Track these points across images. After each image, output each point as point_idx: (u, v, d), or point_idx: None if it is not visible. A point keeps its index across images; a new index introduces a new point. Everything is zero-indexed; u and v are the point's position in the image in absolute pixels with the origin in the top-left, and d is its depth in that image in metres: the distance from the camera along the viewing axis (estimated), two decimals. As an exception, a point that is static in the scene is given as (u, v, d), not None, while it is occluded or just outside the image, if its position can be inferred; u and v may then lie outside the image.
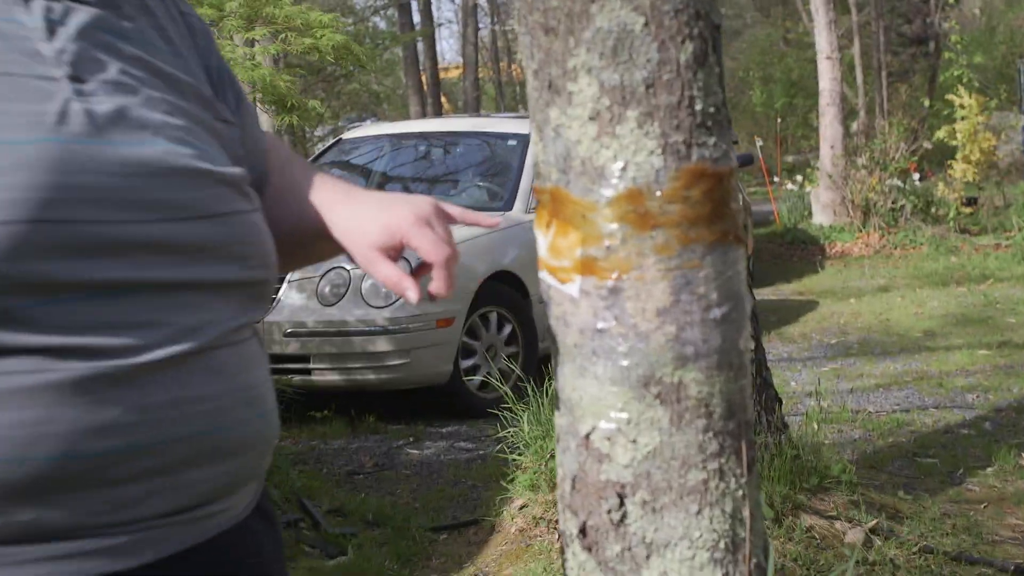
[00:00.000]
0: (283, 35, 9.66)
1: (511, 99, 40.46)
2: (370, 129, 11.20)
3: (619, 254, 2.00)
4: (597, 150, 2.01)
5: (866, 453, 7.28)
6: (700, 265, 2.01)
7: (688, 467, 2.05)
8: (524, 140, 9.38)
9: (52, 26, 1.64)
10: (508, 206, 9.09)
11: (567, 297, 2.08)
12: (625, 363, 2.01)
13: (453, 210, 2.04)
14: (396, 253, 1.93)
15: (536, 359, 8.53)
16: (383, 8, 30.36)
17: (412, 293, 1.87)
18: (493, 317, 8.48)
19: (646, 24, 1.98)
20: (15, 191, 1.47)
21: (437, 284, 1.89)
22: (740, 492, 2.09)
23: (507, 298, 8.54)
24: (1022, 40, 32.26)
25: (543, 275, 2.11)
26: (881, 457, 7.27)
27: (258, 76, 9.04)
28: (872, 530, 5.51)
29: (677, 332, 2.01)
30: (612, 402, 2.04)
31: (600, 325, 2.02)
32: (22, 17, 1.61)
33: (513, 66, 37.79)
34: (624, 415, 2.04)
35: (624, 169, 2.00)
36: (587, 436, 2.08)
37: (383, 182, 10.09)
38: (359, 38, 24.95)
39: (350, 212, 1.92)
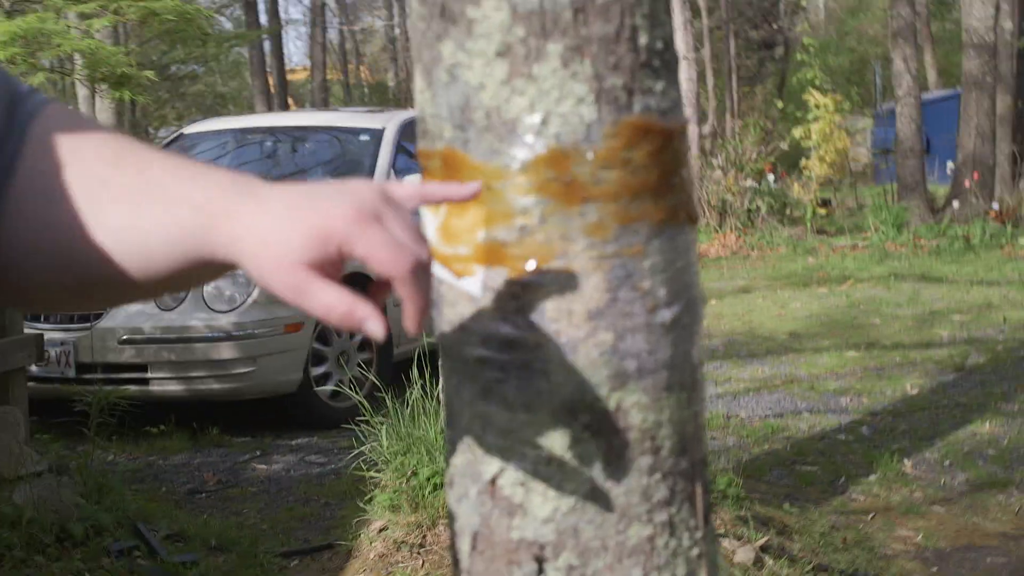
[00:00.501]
0: (116, 6, 8.97)
1: (359, 102, 39.52)
2: (213, 123, 10.54)
3: (537, 237, 1.51)
4: (507, 98, 1.51)
5: (742, 462, 6.89)
6: (644, 251, 1.53)
7: (629, 520, 1.57)
8: (376, 135, 8.87)
9: None
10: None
11: (465, 295, 1.57)
12: (545, 383, 1.52)
13: (409, 190, 1.41)
14: (337, 269, 1.26)
15: (392, 365, 8.00)
16: (226, 6, 29.51)
17: (374, 325, 1.22)
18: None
19: (573, -73, 1.48)
20: None
21: (407, 310, 1.28)
22: (695, 551, 1.61)
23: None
24: (870, 45, 32.51)
25: (433, 266, 1.59)
26: (759, 466, 6.90)
27: (85, 46, 8.33)
28: (762, 548, 5.09)
29: (615, 341, 1.52)
30: (527, 435, 1.54)
31: (510, 332, 1.52)
32: None
33: (362, 68, 37.05)
34: (543, 452, 1.54)
35: (544, 123, 1.50)
36: (493, 481, 1.59)
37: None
38: (204, 38, 24.02)
39: (254, 219, 1.24)
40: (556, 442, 1.52)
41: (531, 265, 1.50)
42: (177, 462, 7.11)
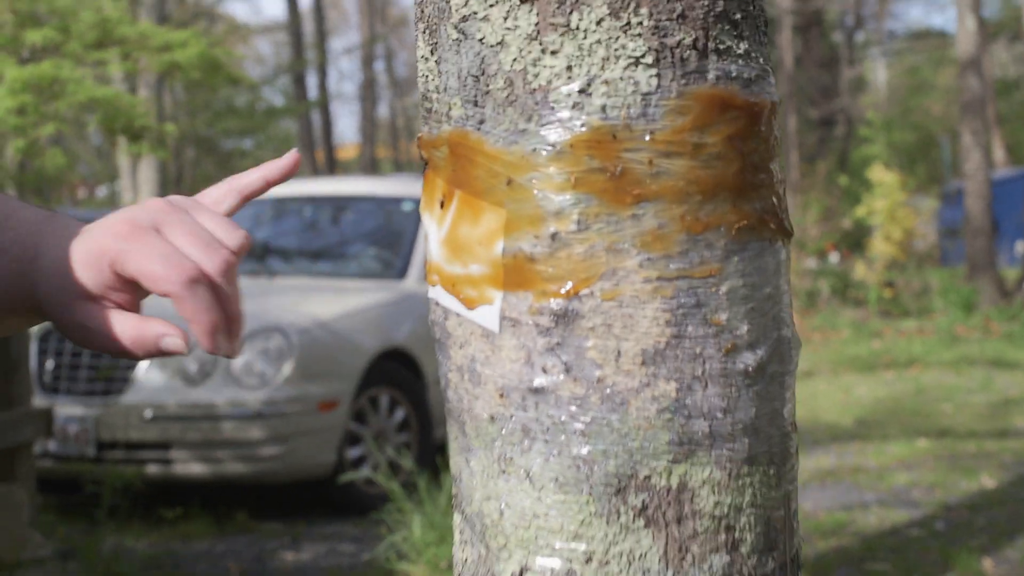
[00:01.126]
0: (136, 56, 8.69)
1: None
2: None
3: (575, 250, 1.11)
4: (536, 59, 1.12)
5: (808, 558, 6.38)
6: (720, 272, 1.12)
7: (697, 644, 1.14)
8: (419, 201, 8.53)
9: None
10: (401, 275, 8.18)
11: (478, 331, 1.17)
12: (584, 450, 1.11)
13: (221, 188, 1.13)
14: (132, 294, 1.04)
15: (433, 449, 7.58)
16: (274, 79, 29.45)
17: (172, 341, 1.02)
18: (384, 400, 7.53)
19: None
20: None
21: (194, 330, 1.01)
22: None
23: (399, 378, 7.60)
24: (935, 123, 32.00)
25: (435, 292, 1.20)
26: (826, 563, 6.39)
27: (102, 94, 8.02)
28: (832, 655, 4.60)
29: (679, 394, 1.11)
30: (559, 521, 1.13)
31: (539, 381, 1.12)
32: None
33: (412, 144, 36.94)
34: (581, 545, 1.13)
35: (585, 93, 1.11)
36: (513, 582, 1.17)
37: (264, 252, 9.15)
38: (252, 110, 23.92)
39: (46, 260, 1.06)
40: (598, 531, 1.11)
41: (567, 288, 1.10)
42: (199, 549, 6.66)
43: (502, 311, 1.12)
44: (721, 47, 1.11)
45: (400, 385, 7.56)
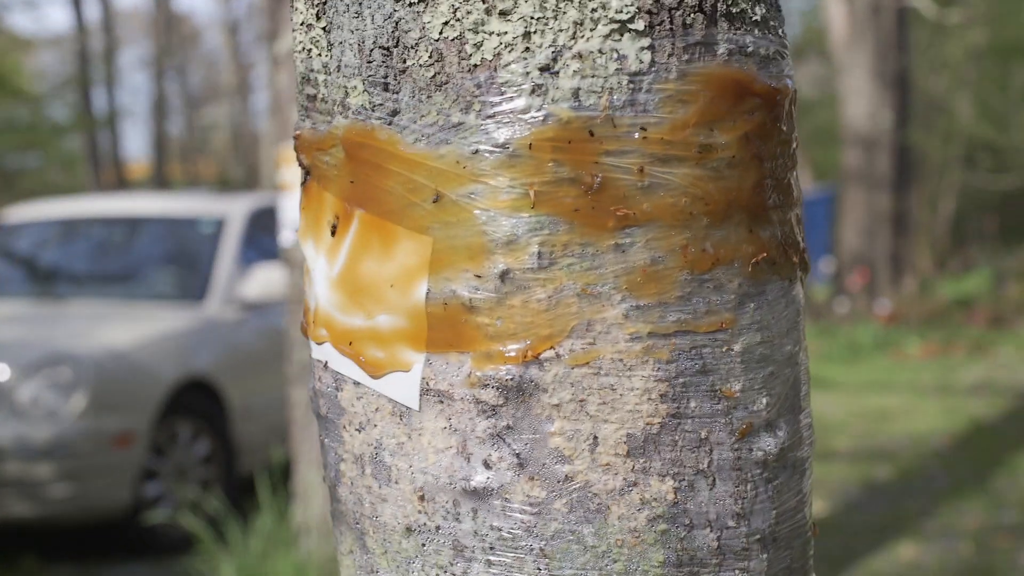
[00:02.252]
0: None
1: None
2: (38, 210, 9.65)
3: (534, 295, 0.77)
4: (478, 22, 0.77)
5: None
6: (734, 325, 0.80)
7: None
8: (219, 221, 8.09)
9: None
10: (199, 298, 7.72)
11: (387, 406, 0.83)
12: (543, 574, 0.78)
13: None
14: None
15: (239, 483, 7.14)
16: (60, 92, 28.33)
17: None
18: (184, 433, 7.06)
19: None
20: None
21: None
22: None
23: (201, 409, 7.14)
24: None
25: (323, 351, 0.85)
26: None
27: None
28: None
29: (677, 496, 0.78)
30: None
31: (479, 479, 0.78)
32: None
33: (205, 161, 35.85)
34: None
35: (550, 70, 0.77)
36: None
37: (51, 276, 8.58)
38: (36, 128, 22.83)
39: None
40: None
41: (521, 349, 0.77)
42: (-18, 597, 6.14)
43: (424, 381, 0.79)
44: (734, 10, 0.79)
45: (203, 416, 7.11)
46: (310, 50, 0.85)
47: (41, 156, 25.97)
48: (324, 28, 0.83)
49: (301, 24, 0.86)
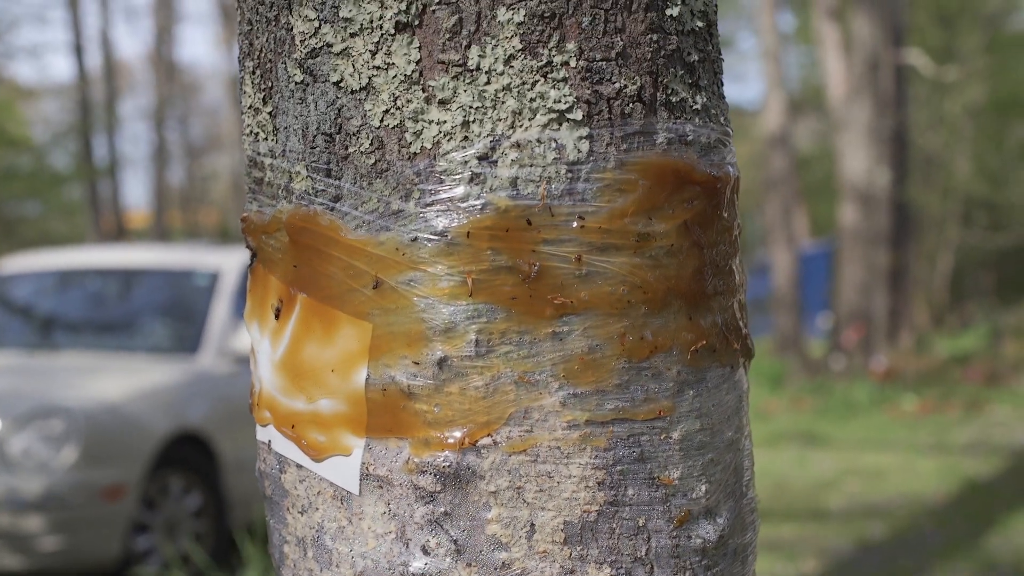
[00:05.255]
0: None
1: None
2: (35, 260, 9.66)
3: (472, 382, 0.77)
4: (418, 111, 0.78)
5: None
6: (672, 412, 0.80)
7: None
8: (214, 274, 8.10)
9: None
10: (193, 351, 7.70)
11: (328, 490, 0.83)
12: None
13: None
14: None
15: (229, 536, 7.11)
16: (62, 141, 28.40)
17: None
18: (176, 485, 7.03)
19: None
20: None
21: None
22: None
23: (192, 462, 7.12)
24: (743, 196, 32.06)
25: (267, 433, 0.86)
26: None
27: None
28: None
29: (614, 584, 0.78)
30: None
31: (417, 566, 0.79)
32: None
33: (205, 210, 35.89)
34: None
35: (488, 159, 0.77)
36: None
37: (46, 325, 8.58)
38: (37, 176, 22.91)
39: None
40: None
41: (459, 436, 0.78)
42: (-31, 651, 6.09)
43: (364, 465, 0.79)
44: (674, 99, 0.80)
45: (194, 469, 7.09)
46: (257, 133, 0.86)
47: (41, 204, 26.03)
48: (270, 113, 0.84)
49: (249, 107, 0.87)
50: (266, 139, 0.85)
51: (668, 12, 0.80)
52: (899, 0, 14.22)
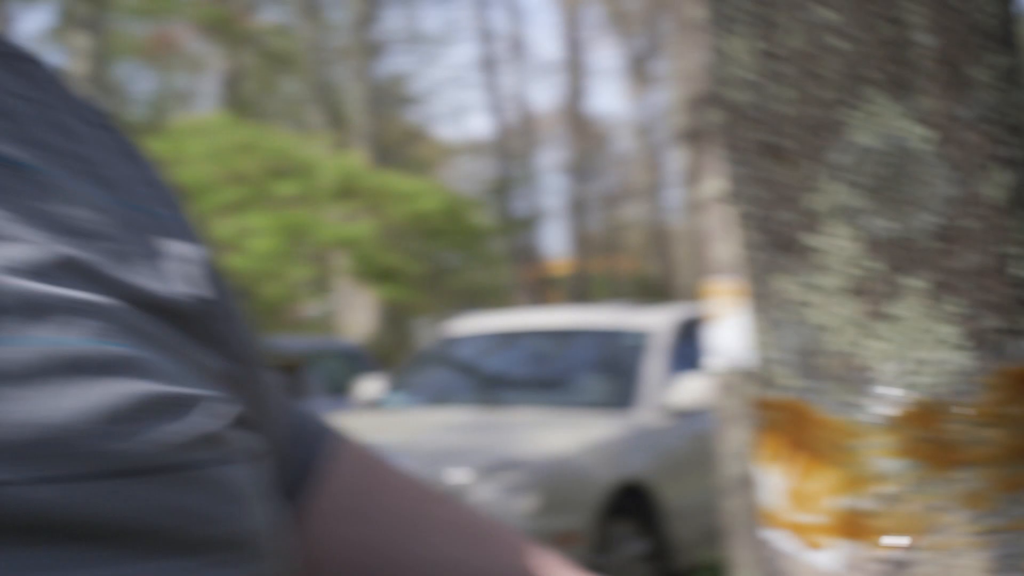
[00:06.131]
0: (378, 206, 9.11)
1: (621, 294, 38.91)
2: (479, 323, 10.56)
3: (906, 507, 1.25)
4: (861, 342, 1.28)
5: None
6: None
7: None
8: (643, 334, 8.69)
9: None
10: (626, 405, 8.33)
11: (814, 573, 1.32)
12: None
13: None
14: None
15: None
16: (489, 201, 29.99)
17: None
18: (623, 531, 7.64)
19: (937, 140, 1.26)
20: None
21: None
22: None
23: (636, 510, 7.71)
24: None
25: (771, 534, 1.36)
26: None
27: (347, 234, 8.39)
28: None
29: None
30: None
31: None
32: None
33: (623, 258, 37.04)
34: None
35: (910, 372, 1.26)
36: None
37: (492, 383, 9.41)
38: (462, 232, 24.52)
39: None
40: None
41: (893, 541, 1.26)
42: None
43: (844, 557, 1.29)
44: (1018, 329, 1.27)
45: (638, 517, 7.69)
46: (764, 348, 1.37)
47: (463, 256, 27.59)
48: (769, 335, 1.36)
49: (757, 329, 1.38)
50: (766, 348, 1.36)
51: (1009, 270, 1.27)
52: None
